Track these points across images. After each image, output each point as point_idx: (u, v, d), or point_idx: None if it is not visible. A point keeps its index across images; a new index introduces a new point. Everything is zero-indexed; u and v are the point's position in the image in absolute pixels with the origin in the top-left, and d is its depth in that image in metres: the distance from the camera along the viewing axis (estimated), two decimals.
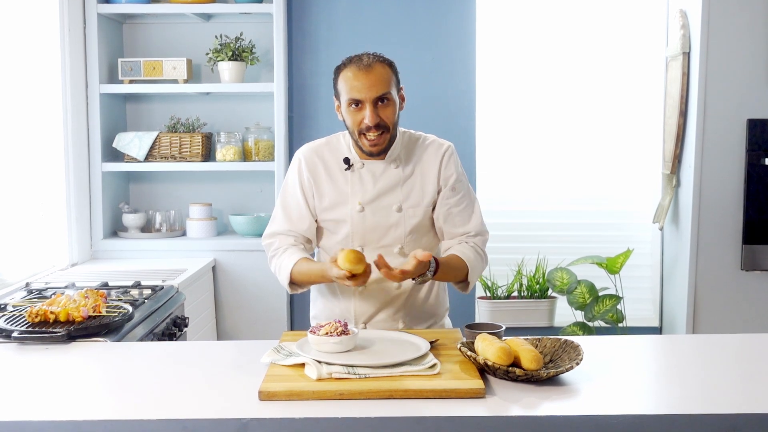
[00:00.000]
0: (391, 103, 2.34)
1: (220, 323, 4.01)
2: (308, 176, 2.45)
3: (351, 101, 2.33)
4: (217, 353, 2.20)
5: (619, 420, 1.67)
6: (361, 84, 2.30)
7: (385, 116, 2.33)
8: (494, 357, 1.87)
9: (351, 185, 2.44)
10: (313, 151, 2.49)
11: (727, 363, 2.10)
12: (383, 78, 2.32)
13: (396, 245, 2.43)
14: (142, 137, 4.02)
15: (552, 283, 4.23)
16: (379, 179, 2.43)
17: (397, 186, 2.43)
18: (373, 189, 2.42)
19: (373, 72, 2.31)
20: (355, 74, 2.31)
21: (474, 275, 2.45)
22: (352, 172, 2.44)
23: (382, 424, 1.66)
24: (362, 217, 2.42)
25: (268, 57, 4.14)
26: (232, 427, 1.65)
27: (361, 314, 2.48)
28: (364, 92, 2.30)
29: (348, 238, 2.44)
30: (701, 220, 3.91)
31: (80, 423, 1.65)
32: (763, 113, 3.83)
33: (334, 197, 2.44)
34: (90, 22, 3.89)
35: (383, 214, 2.42)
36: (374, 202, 2.42)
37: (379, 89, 2.31)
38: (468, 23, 4.18)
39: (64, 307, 2.37)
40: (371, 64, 2.32)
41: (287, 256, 2.43)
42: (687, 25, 3.93)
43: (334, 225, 2.46)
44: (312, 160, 2.47)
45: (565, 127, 4.39)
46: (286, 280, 2.43)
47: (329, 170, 2.45)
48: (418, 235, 2.46)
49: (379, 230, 2.43)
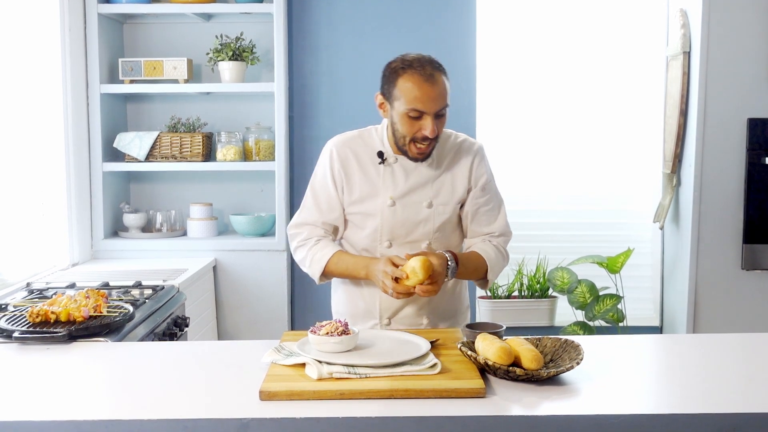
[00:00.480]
0: (446, 114, 2.35)
1: (220, 323, 4.01)
2: (339, 167, 2.45)
3: (412, 111, 2.29)
4: (218, 353, 2.21)
5: (619, 420, 1.67)
6: (426, 96, 2.28)
7: (440, 128, 2.34)
8: (495, 357, 1.87)
9: (383, 179, 2.44)
10: (346, 142, 2.48)
11: (727, 362, 2.10)
12: (445, 90, 2.31)
13: (424, 241, 2.44)
14: (142, 137, 4.02)
15: (552, 283, 4.23)
16: (411, 175, 2.43)
17: (428, 182, 2.44)
18: (404, 184, 2.43)
19: (437, 84, 2.29)
20: (419, 84, 2.28)
21: (494, 273, 2.48)
22: (385, 166, 2.44)
23: (382, 424, 1.66)
24: (392, 212, 2.43)
25: (269, 57, 4.15)
26: (232, 427, 1.65)
27: (386, 309, 2.48)
28: (428, 105, 2.28)
29: (376, 232, 2.44)
30: (702, 219, 3.91)
31: (81, 423, 1.66)
32: (764, 112, 3.83)
33: (365, 190, 2.44)
34: (90, 22, 3.89)
35: (413, 209, 2.43)
36: (405, 197, 2.43)
37: (441, 103, 2.31)
38: (468, 23, 4.18)
39: (65, 307, 2.37)
40: (434, 75, 2.29)
41: (321, 248, 2.44)
42: (687, 25, 3.93)
43: (362, 218, 2.46)
44: (344, 151, 2.46)
45: (565, 126, 4.39)
46: (319, 272, 2.44)
47: (361, 163, 2.45)
48: (445, 232, 2.47)
49: (408, 225, 2.43)
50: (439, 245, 2.44)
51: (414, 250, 2.39)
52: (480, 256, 2.45)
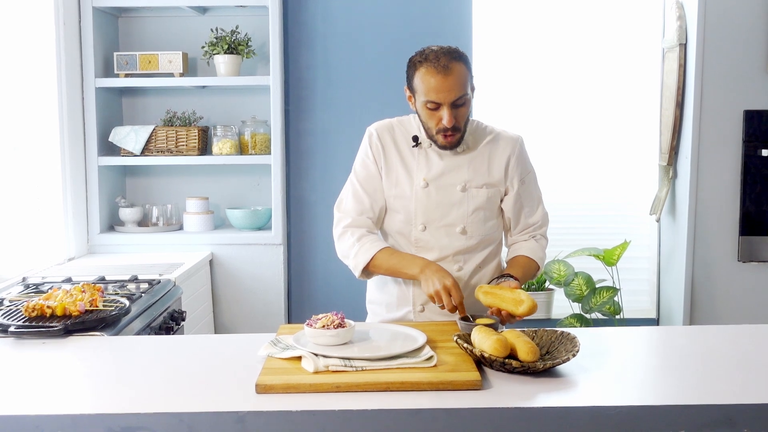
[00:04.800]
0: (466, 103, 2.36)
1: (217, 317, 4.01)
2: (378, 149, 2.48)
3: (429, 102, 2.33)
4: (214, 347, 2.21)
5: (615, 411, 1.67)
6: (440, 86, 2.29)
7: (460, 117, 2.35)
8: (491, 349, 1.87)
9: (417, 162, 2.46)
10: (385, 127, 2.52)
11: (723, 354, 2.10)
12: (461, 80, 2.31)
13: (458, 225, 2.44)
14: (138, 131, 4.01)
15: (549, 275, 4.23)
16: (445, 158, 2.45)
17: (462, 166, 2.45)
18: (438, 166, 2.44)
19: (452, 74, 2.30)
20: (433, 75, 2.30)
21: (543, 266, 2.57)
22: (419, 149, 2.46)
23: (378, 417, 1.66)
24: (426, 194, 2.44)
25: (264, 50, 4.14)
26: (229, 420, 1.65)
27: (420, 296, 2.47)
28: (443, 96, 2.30)
29: (410, 214, 2.45)
30: (698, 211, 3.91)
31: (77, 417, 1.65)
32: (760, 104, 3.83)
33: (401, 173, 2.46)
34: (85, 15, 3.88)
35: (447, 192, 2.44)
36: (439, 180, 2.44)
37: (457, 92, 2.31)
38: (464, 17, 4.17)
39: (60, 301, 2.37)
40: (449, 66, 2.30)
41: (369, 242, 2.42)
42: (683, 17, 3.92)
43: (398, 202, 2.47)
44: (384, 134, 2.50)
45: (561, 119, 4.39)
46: (362, 265, 2.42)
47: (399, 147, 2.49)
48: (481, 217, 2.46)
49: (441, 208, 2.44)
50: (473, 231, 2.45)
51: (449, 235, 2.42)
52: (531, 260, 2.51)
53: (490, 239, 2.49)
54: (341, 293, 4.14)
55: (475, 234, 2.45)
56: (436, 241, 2.43)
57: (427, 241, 2.44)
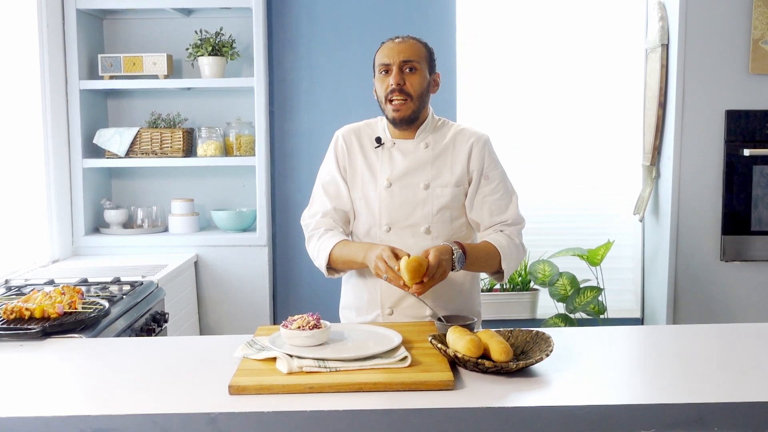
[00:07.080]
0: (419, 73, 2.40)
1: (202, 318, 4.02)
2: (343, 153, 2.51)
3: (381, 66, 2.41)
4: (193, 348, 2.21)
5: (585, 410, 1.68)
6: (391, 50, 2.41)
7: (410, 83, 2.39)
8: (464, 349, 1.88)
9: (381, 162, 2.48)
10: (352, 130, 2.56)
11: (702, 353, 2.11)
12: (414, 49, 2.42)
13: (423, 224, 2.44)
14: (122, 133, 4.01)
15: (534, 276, 4.24)
16: (408, 157, 2.46)
17: (426, 164, 2.46)
18: (401, 166, 2.45)
19: (405, 42, 2.42)
20: (387, 44, 2.43)
21: (509, 263, 2.43)
22: (382, 149, 2.48)
23: (350, 417, 1.67)
24: (390, 194, 2.44)
25: (249, 52, 4.14)
26: (200, 422, 1.65)
27: (388, 299, 2.47)
28: (392, 56, 2.39)
29: (375, 216, 2.45)
30: (681, 211, 3.93)
31: (49, 419, 1.66)
32: (742, 104, 3.85)
33: (366, 175, 2.48)
34: (69, 17, 3.88)
35: (410, 191, 2.44)
36: (402, 179, 2.45)
37: (408, 55, 2.39)
38: (448, 17, 4.18)
39: (39, 303, 2.37)
40: (405, 39, 2.44)
41: (327, 239, 2.44)
42: (665, 17, 3.94)
43: (363, 204, 2.48)
44: (349, 137, 2.53)
45: (544, 119, 4.40)
46: (324, 262, 2.43)
47: (364, 149, 2.51)
48: (447, 217, 2.45)
49: (405, 208, 2.44)
50: (439, 231, 2.43)
51: (414, 236, 2.41)
52: (490, 244, 2.42)
53: (458, 239, 2.44)
54: (326, 294, 4.11)
55: (441, 234, 2.43)
56: (402, 242, 2.41)
57: (392, 242, 2.41)
